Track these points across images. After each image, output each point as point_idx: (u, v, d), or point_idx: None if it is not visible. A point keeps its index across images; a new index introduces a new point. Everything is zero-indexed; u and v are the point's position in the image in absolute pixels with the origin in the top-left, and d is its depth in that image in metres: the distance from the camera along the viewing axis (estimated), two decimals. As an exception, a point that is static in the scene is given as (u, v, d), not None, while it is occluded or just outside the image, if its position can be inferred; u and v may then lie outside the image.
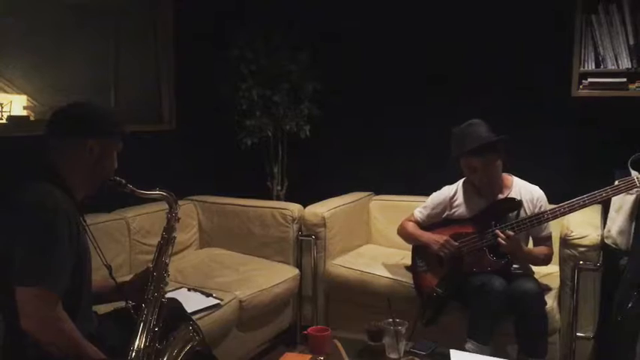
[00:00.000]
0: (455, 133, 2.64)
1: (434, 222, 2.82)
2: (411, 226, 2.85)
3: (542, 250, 2.66)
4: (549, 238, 2.67)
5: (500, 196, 2.67)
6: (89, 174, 1.77)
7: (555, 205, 2.54)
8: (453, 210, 2.77)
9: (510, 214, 2.60)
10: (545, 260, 2.66)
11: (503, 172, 2.68)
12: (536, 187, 2.70)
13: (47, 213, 1.60)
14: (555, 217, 2.53)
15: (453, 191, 2.79)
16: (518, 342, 2.49)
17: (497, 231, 2.52)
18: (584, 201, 2.45)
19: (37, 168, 1.72)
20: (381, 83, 3.68)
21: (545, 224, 2.62)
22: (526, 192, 2.67)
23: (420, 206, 2.88)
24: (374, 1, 3.66)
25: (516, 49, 3.28)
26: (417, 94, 3.56)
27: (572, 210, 2.48)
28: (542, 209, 2.62)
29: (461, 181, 2.79)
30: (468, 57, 3.42)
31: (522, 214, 2.61)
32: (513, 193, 2.66)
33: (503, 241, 2.49)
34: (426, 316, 2.66)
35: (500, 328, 2.48)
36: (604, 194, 2.43)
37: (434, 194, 2.87)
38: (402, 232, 2.90)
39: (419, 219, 2.86)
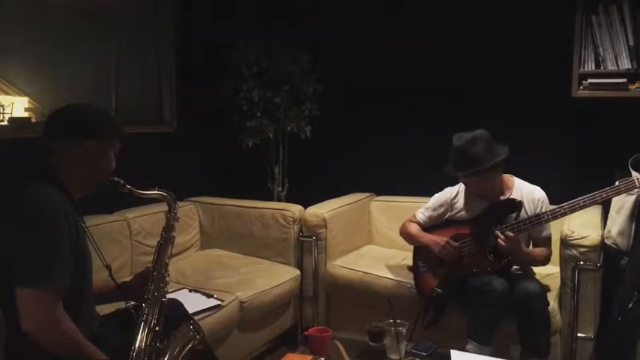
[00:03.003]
0: (455, 148, 2.58)
1: (435, 223, 2.83)
2: (413, 227, 2.86)
3: (541, 251, 2.67)
4: (549, 239, 2.68)
5: (502, 198, 2.67)
6: (87, 175, 1.77)
7: (556, 206, 2.54)
8: (454, 211, 2.78)
9: (511, 215, 2.60)
10: (544, 261, 2.67)
11: (504, 172, 2.69)
12: (538, 188, 2.70)
13: (46, 214, 1.60)
14: (555, 217, 2.53)
15: (454, 192, 2.80)
16: (520, 342, 2.49)
17: (497, 232, 2.53)
18: (585, 202, 2.47)
19: (35, 169, 1.73)
20: (382, 84, 3.68)
21: (546, 225, 2.62)
22: (527, 193, 2.68)
23: (422, 207, 2.89)
24: (374, 2, 3.66)
25: (516, 49, 3.28)
26: (417, 95, 3.56)
27: (572, 210, 2.49)
28: (543, 210, 2.62)
29: (462, 183, 2.79)
30: (468, 58, 3.42)
31: (523, 214, 2.61)
32: (514, 194, 2.67)
33: (502, 242, 2.50)
34: (426, 318, 2.66)
35: (501, 328, 2.48)
36: (604, 195, 2.44)
37: (436, 195, 2.87)
38: (404, 233, 2.91)
39: (420, 220, 2.86)
